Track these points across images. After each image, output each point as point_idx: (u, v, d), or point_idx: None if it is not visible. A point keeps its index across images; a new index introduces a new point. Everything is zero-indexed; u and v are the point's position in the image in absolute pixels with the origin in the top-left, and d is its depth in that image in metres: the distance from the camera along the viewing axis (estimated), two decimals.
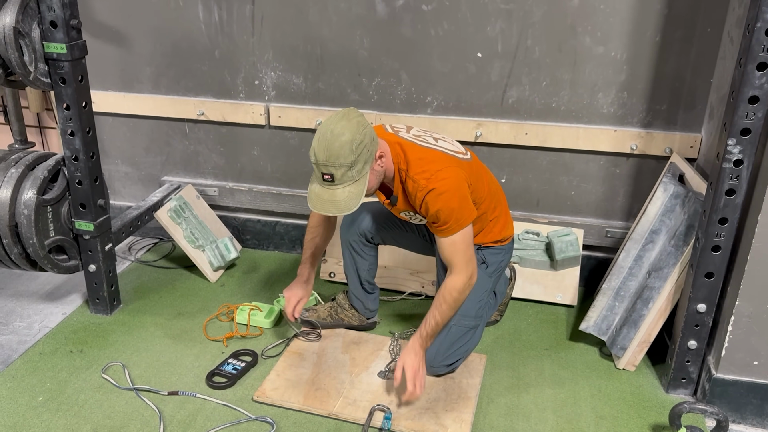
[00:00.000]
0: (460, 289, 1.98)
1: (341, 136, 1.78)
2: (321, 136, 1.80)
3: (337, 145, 1.77)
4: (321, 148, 1.79)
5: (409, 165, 1.95)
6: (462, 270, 1.97)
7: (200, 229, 2.84)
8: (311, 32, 2.63)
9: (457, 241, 1.95)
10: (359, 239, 2.25)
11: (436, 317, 2.01)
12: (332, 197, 1.83)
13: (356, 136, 1.78)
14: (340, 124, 1.80)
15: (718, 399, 2.04)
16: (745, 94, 1.74)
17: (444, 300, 1.99)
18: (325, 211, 1.85)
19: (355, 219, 2.26)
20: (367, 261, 2.30)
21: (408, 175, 1.94)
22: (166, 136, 2.97)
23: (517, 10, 2.42)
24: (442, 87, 2.61)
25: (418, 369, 1.98)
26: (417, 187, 1.92)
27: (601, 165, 2.59)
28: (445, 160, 1.98)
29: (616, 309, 2.27)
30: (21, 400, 2.07)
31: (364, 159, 1.81)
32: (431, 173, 1.92)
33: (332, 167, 1.79)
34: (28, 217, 2.18)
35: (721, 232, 1.90)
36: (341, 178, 1.80)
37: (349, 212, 1.83)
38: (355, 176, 1.82)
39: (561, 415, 2.03)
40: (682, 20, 2.32)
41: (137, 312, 2.54)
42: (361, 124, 1.82)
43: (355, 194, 1.83)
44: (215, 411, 2.02)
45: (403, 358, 2.00)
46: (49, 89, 2.19)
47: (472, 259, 1.99)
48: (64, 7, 2.06)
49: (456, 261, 1.97)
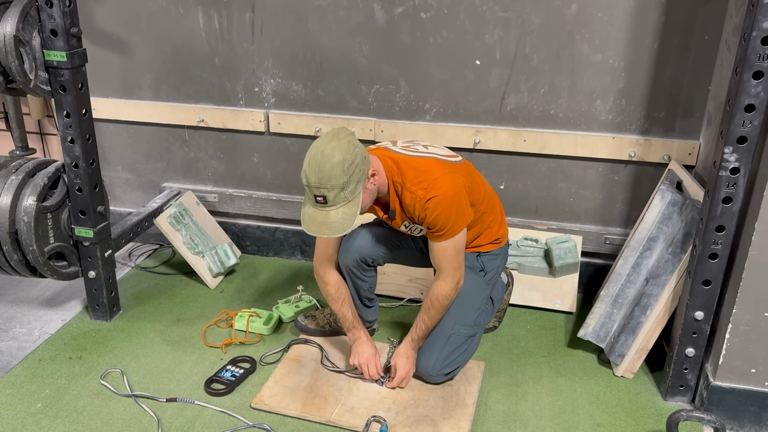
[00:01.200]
0: (447, 295, 2.04)
1: (332, 157, 1.77)
2: (312, 158, 1.79)
3: (329, 167, 1.76)
4: (312, 170, 1.78)
5: (405, 177, 1.94)
6: (449, 276, 2.02)
7: (200, 236, 2.84)
8: (311, 40, 2.64)
9: (448, 247, 1.97)
10: (358, 265, 2.21)
11: (426, 321, 2.09)
12: (326, 219, 1.82)
13: (347, 157, 1.78)
14: (330, 145, 1.79)
15: (716, 407, 2.03)
16: (742, 102, 1.74)
17: (432, 305, 2.07)
18: (319, 233, 1.84)
19: (352, 245, 2.20)
20: (367, 282, 2.27)
21: (405, 187, 1.94)
22: (167, 142, 2.98)
23: (516, 18, 2.43)
24: (440, 94, 2.62)
25: (409, 371, 2.14)
26: (416, 198, 1.92)
27: (600, 172, 2.59)
28: (439, 167, 1.97)
29: (614, 316, 2.28)
30: (20, 406, 2.07)
31: (357, 179, 1.81)
32: (428, 182, 1.92)
33: (324, 189, 1.78)
34: (28, 223, 2.19)
35: (718, 239, 1.90)
36: (334, 200, 1.80)
37: (344, 233, 1.83)
38: (348, 197, 1.81)
39: (559, 423, 2.03)
40: (680, 28, 2.33)
41: (136, 318, 2.55)
42: (351, 143, 1.81)
43: (349, 215, 1.82)
44: (213, 418, 2.03)
45: (395, 362, 2.14)
46: (49, 97, 2.21)
47: (460, 265, 2.03)
48: (64, 15, 2.08)
49: (445, 266, 2.02)
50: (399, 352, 2.14)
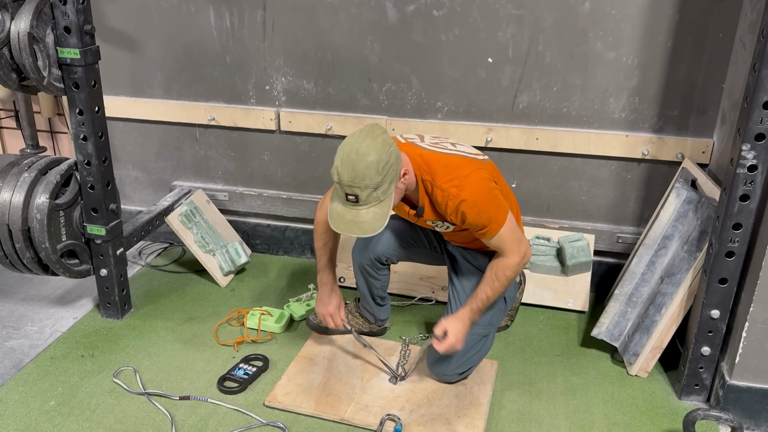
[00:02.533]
0: (514, 268, 1.98)
1: (367, 156, 1.72)
2: (345, 155, 1.74)
3: (363, 166, 1.72)
4: (345, 168, 1.74)
5: (435, 175, 1.90)
6: (514, 252, 1.97)
7: (210, 234, 2.84)
8: (322, 38, 2.64)
9: (501, 237, 1.94)
10: (372, 264, 2.21)
11: (488, 293, 2.00)
12: (356, 218, 1.78)
13: (382, 156, 1.74)
14: (365, 143, 1.74)
15: (732, 406, 2.02)
16: (760, 99, 1.73)
17: (497, 277, 1.99)
18: (348, 232, 1.80)
19: (368, 244, 2.20)
20: (380, 281, 2.27)
21: (435, 185, 1.90)
22: (177, 141, 2.98)
23: (528, 16, 2.42)
24: (452, 92, 2.61)
25: (460, 338, 1.99)
26: (447, 196, 1.88)
27: (613, 170, 2.58)
28: (469, 164, 1.95)
29: (629, 315, 2.26)
30: (33, 404, 2.07)
31: (390, 179, 1.77)
32: (460, 180, 1.88)
33: (357, 188, 1.74)
34: (41, 221, 2.19)
35: (735, 237, 1.89)
36: (366, 199, 1.76)
37: (374, 234, 1.79)
38: (381, 197, 1.77)
39: (574, 422, 2.02)
40: (694, 25, 2.31)
41: (148, 316, 2.54)
42: (386, 142, 1.77)
43: (380, 215, 1.78)
44: (227, 416, 2.02)
45: (450, 322, 2.00)
46: (62, 94, 2.20)
47: (521, 240, 1.98)
48: (77, 12, 2.08)
49: (506, 248, 1.97)
50: (456, 316, 2.01)
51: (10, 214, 2.17)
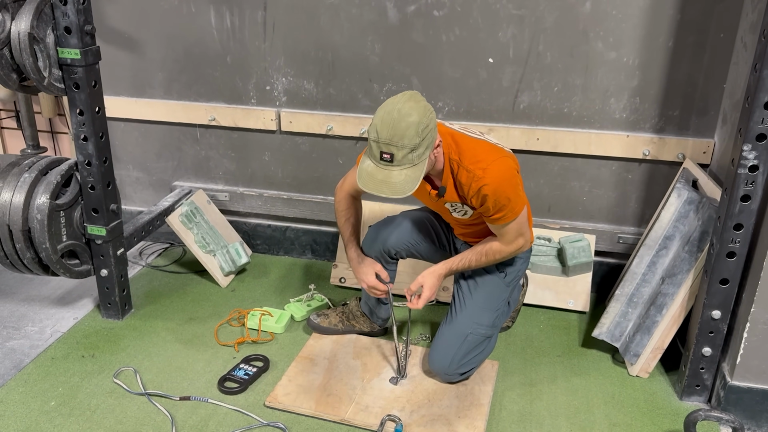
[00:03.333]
0: (505, 255, 2.04)
1: (409, 116, 1.73)
2: (386, 114, 1.74)
3: (404, 125, 1.72)
4: (385, 126, 1.73)
5: (462, 155, 1.90)
6: (511, 243, 2.02)
7: (211, 234, 2.84)
8: (323, 38, 2.64)
9: (510, 227, 1.97)
10: (382, 257, 2.22)
11: (471, 261, 2.07)
12: (387, 178, 1.77)
13: (423, 119, 1.74)
14: (408, 105, 1.74)
15: (733, 406, 2.02)
16: (761, 99, 1.73)
17: (485, 254, 2.05)
18: (377, 192, 1.78)
19: (378, 237, 2.21)
20: (389, 274, 2.28)
21: (462, 165, 1.90)
22: (178, 141, 2.98)
23: (529, 16, 2.42)
24: (453, 92, 2.61)
25: (434, 291, 2.07)
26: (472, 177, 1.88)
27: (613, 170, 2.58)
28: (496, 150, 1.95)
29: (629, 315, 2.26)
30: (33, 404, 2.07)
31: (427, 144, 1.77)
32: (487, 163, 1.88)
33: (394, 147, 1.73)
34: (41, 221, 2.19)
35: (736, 238, 1.89)
36: (401, 160, 1.75)
37: (404, 195, 1.78)
38: (415, 160, 1.76)
39: (574, 422, 2.02)
40: (695, 25, 2.31)
41: (148, 317, 2.54)
42: (427, 108, 1.78)
43: (412, 178, 1.77)
44: (227, 416, 2.02)
45: (425, 278, 2.06)
46: (62, 94, 2.20)
47: (523, 235, 2.02)
48: (78, 13, 2.07)
49: (506, 238, 2.01)
50: (430, 271, 2.07)
51: (11, 214, 2.17)
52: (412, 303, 2.06)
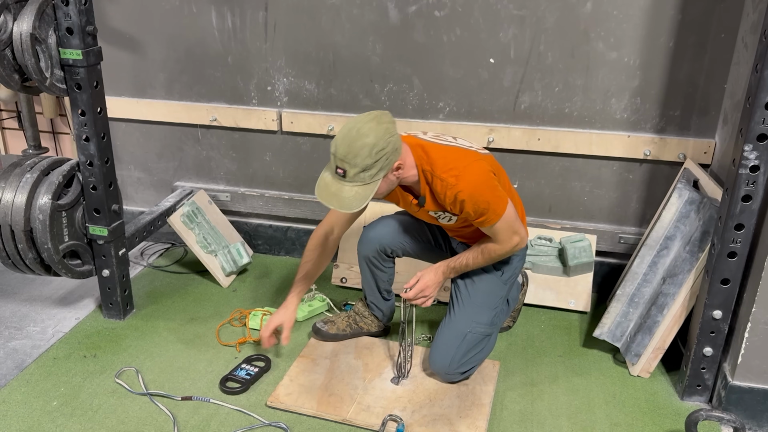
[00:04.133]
0: (501, 253, 2.06)
1: (365, 137, 1.77)
2: (347, 130, 1.80)
3: (359, 145, 1.77)
4: (342, 142, 1.79)
5: (434, 165, 1.93)
6: (506, 242, 2.03)
7: (212, 235, 2.84)
8: (324, 38, 2.64)
9: (499, 228, 1.98)
10: (378, 255, 2.23)
11: (469, 260, 2.08)
12: (338, 192, 1.83)
13: (379, 142, 1.78)
14: (369, 125, 1.79)
15: (734, 406, 2.02)
16: (762, 99, 1.73)
17: (481, 252, 2.06)
18: (327, 203, 1.85)
19: (372, 236, 2.23)
20: (387, 273, 2.29)
21: (435, 175, 1.93)
22: (179, 141, 2.99)
23: (530, 16, 2.42)
24: (454, 93, 2.61)
25: (430, 287, 2.08)
26: (446, 186, 1.91)
27: (614, 171, 2.58)
28: (468, 155, 1.98)
29: (631, 315, 2.26)
30: (35, 404, 2.07)
31: (380, 166, 1.81)
32: (459, 170, 1.91)
33: (347, 164, 1.79)
34: (43, 222, 2.19)
35: (737, 238, 1.89)
36: (353, 177, 1.80)
37: (350, 211, 1.85)
38: (367, 180, 1.81)
39: (576, 422, 2.02)
40: (696, 26, 2.31)
41: (150, 317, 2.54)
42: (388, 131, 1.81)
43: (361, 196, 1.82)
44: (229, 416, 2.02)
45: (423, 272, 2.08)
46: (64, 95, 2.21)
47: (516, 232, 2.02)
48: (80, 13, 2.08)
49: (499, 238, 2.02)
50: (430, 267, 2.10)
51: (13, 214, 2.18)
52: (406, 294, 2.09)
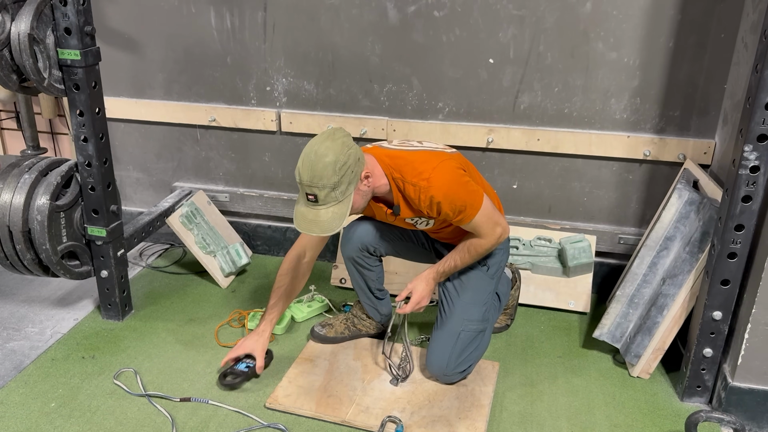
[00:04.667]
0: (487, 247, 2.06)
1: (325, 157, 1.78)
2: (305, 156, 1.81)
3: (321, 166, 1.78)
4: (305, 169, 1.80)
5: (403, 171, 1.95)
6: (489, 236, 2.03)
7: (211, 235, 2.84)
8: (323, 39, 2.63)
9: (477, 221, 1.99)
10: (361, 254, 2.23)
11: (456, 261, 2.09)
12: (316, 217, 1.84)
13: (340, 157, 1.79)
14: (324, 145, 1.80)
15: (734, 407, 2.01)
16: (762, 100, 1.73)
17: (468, 251, 2.07)
18: (309, 231, 1.86)
19: (353, 235, 2.23)
20: (374, 272, 2.29)
21: (406, 181, 1.94)
22: (178, 142, 2.98)
23: (530, 16, 2.42)
24: (453, 93, 2.60)
25: (425, 297, 2.10)
26: (419, 190, 1.92)
27: (614, 171, 2.58)
28: (435, 156, 1.99)
29: (630, 316, 2.26)
30: (33, 406, 2.07)
31: (348, 180, 1.82)
32: (429, 172, 1.92)
33: (316, 188, 1.80)
34: (42, 222, 2.18)
35: (737, 239, 1.88)
36: (325, 199, 1.81)
37: (332, 233, 1.85)
38: (339, 197, 1.82)
39: (575, 424, 2.02)
40: (696, 26, 2.31)
41: (149, 318, 2.54)
42: (345, 144, 1.82)
43: (338, 215, 1.83)
44: (228, 417, 2.02)
45: (415, 283, 2.10)
46: (62, 95, 2.20)
47: (498, 223, 2.03)
48: (78, 13, 2.07)
49: (482, 233, 2.03)
50: (420, 276, 2.11)
51: (11, 215, 2.17)
52: (401, 308, 2.10)
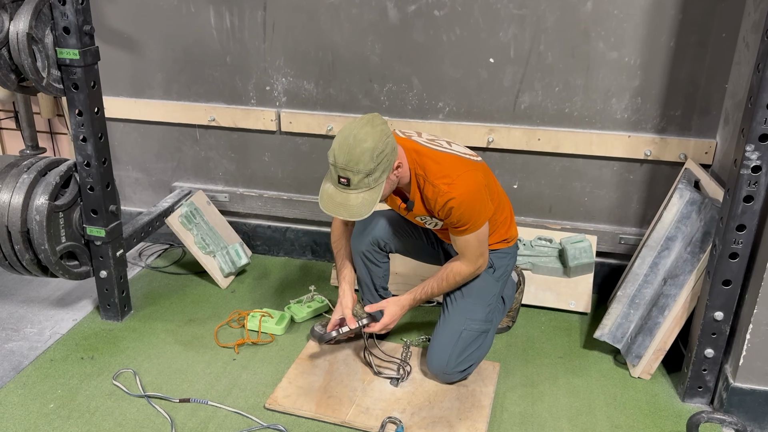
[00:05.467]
0: (464, 275, 2.08)
1: (364, 142, 1.77)
2: (343, 139, 1.80)
3: (359, 151, 1.77)
4: (342, 152, 1.79)
5: (427, 170, 1.94)
6: (471, 261, 2.06)
7: (211, 235, 2.83)
8: (323, 38, 2.63)
9: (471, 239, 2.01)
10: (371, 248, 2.24)
11: (433, 288, 2.11)
12: (345, 201, 1.83)
13: (378, 145, 1.78)
14: (364, 130, 1.79)
15: (736, 408, 2.01)
16: (764, 99, 1.72)
17: (445, 278, 2.09)
18: (335, 214, 1.85)
19: (366, 228, 2.24)
20: (381, 268, 2.29)
21: (427, 180, 1.94)
22: (177, 141, 2.97)
23: (530, 16, 2.41)
24: (453, 92, 2.60)
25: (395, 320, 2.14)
26: (438, 192, 1.92)
27: (615, 171, 2.57)
28: (462, 164, 1.99)
29: (631, 317, 2.25)
30: (32, 407, 2.06)
31: (383, 168, 1.81)
32: (452, 178, 1.92)
33: (350, 172, 1.79)
34: (40, 223, 2.17)
35: (738, 239, 1.87)
36: (357, 184, 1.80)
37: (360, 218, 1.84)
38: (372, 184, 1.82)
39: (576, 424, 2.01)
40: (697, 25, 2.30)
41: (148, 318, 2.53)
42: (384, 132, 1.82)
43: (368, 201, 1.82)
44: (227, 418, 2.01)
45: (389, 304, 2.12)
46: (61, 95, 2.19)
47: (483, 253, 2.06)
48: (77, 13, 2.06)
49: (467, 254, 2.05)
50: (393, 300, 2.13)
51: (9, 215, 2.16)
52: (370, 327, 2.12)
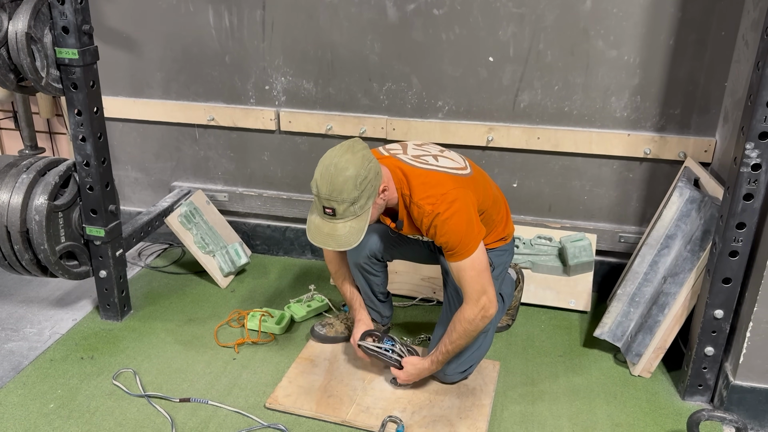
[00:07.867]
0: (470, 320, 1.90)
1: (345, 170, 1.74)
2: (324, 168, 1.76)
3: (341, 180, 1.73)
4: (324, 182, 1.75)
5: (413, 190, 1.88)
6: (472, 300, 1.89)
7: (210, 235, 2.83)
8: (322, 37, 2.62)
9: (465, 266, 1.87)
10: (369, 261, 2.20)
11: (447, 345, 1.98)
12: (333, 231, 1.80)
13: (360, 171, 1.75)
14: (345, 158, 1.75)
15: (736, 406, 2.01)
16: (763, 97, 1.72)
17: (454, 329, 1.95)
18: (324, 245, 1.82)
19: (362, 244, 2.18)
20: (380, 277, 2.26)
21: (412, 201, 1.88)
22: (176, 141, 2.97)
23: (530, 14, 2.41)
24: (453, 91, 2.59)
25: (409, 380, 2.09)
26: (423, 213, 1.86)
27: (614, 169, 2.57)
28: (448, 182, 1.90)
29: (631, 315, 2.25)
30: (32, 407, 2.05)
31: (368, 194, 1.78)
32: (436, 198, 1.85)
33: (334, 202, 1.75)
34: (40, 222, 2.17)
35: (738, 237, 1.87)
36: (343, 213, 1.77)
37: (349, 248, 1.80)
38: (358, 212, 1.78)
39: (576, 423, 2.01)
40: (696, 23, 2.30)
41: (148, 318, 2.53)
42: (365, 158, 1.77)
43: (356, 230, 1.80)
44: (227, 418, 2.01)
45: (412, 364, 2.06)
46: (60, 95, 2.19)
47: (485, 288, 1.88)
48: (76, 12, 2.06)
49: (466, 289, 1.90)
50: (414, 360, 2.07)
51: (9, 215, 2.16)
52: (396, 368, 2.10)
